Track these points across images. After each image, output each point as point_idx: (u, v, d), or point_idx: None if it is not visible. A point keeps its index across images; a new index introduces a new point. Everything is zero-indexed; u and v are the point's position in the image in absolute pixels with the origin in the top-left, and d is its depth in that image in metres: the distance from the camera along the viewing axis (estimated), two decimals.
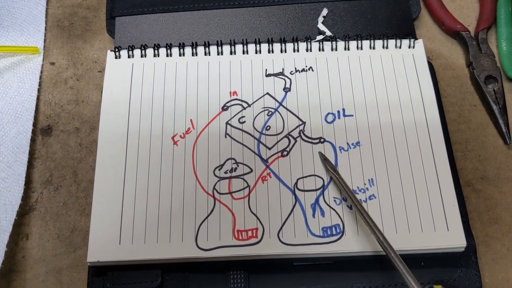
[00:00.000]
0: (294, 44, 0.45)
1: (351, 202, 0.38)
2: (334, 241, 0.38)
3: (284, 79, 0.44)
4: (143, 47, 0.45)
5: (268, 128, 0.42)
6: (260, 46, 0.45)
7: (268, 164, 0.41)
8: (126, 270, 0.38)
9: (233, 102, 0.43)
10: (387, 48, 0.45)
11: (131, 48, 0.45)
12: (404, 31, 0.47)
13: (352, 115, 0.42)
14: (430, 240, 0.38)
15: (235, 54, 0.45)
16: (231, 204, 0.39)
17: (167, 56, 0.45)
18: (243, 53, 0.45)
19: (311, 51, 0.45)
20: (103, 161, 0.41)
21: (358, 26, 0.47)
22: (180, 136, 0.42)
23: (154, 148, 0.41)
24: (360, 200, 0.39)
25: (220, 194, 0.40)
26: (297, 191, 0.40)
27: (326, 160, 0.40)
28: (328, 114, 0.43)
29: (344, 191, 0.38)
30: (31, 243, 0.41)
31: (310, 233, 0.38)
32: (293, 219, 0.39)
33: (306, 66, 0.45)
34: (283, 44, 0.45)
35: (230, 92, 0.44)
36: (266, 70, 0.44)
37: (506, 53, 0.46)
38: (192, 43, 0.45)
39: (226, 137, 0.42)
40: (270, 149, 0.41)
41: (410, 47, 0.45)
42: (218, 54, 0.45)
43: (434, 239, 0.38)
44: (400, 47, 0.45)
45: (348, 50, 0.45)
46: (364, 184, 0.40)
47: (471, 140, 0.44)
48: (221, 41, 0.45)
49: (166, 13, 0.48)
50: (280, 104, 0.43)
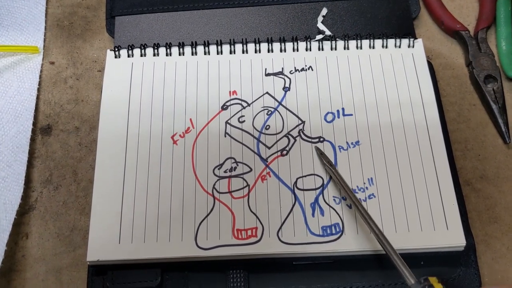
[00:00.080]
0: (293, 44, 0.45)
1: (345, 193, 0.38)
2: (334, 240, 0.38)
3: (284, 79, 0.44)
4: (143, 47, 0.45)
5: (267, 127, 0.42)
6: (259, 46, 0.45)
7: (267, 163, 0.41)
8: (126, 269, 0.38)
9: (232, 102, 0.43)
10: (386, 47, 0.45)
11: (130, 47, 0.45)
12: (403, 30, 0.47)
13: (351, 115, 0.42)
14: (430, 239, 0.38)
15: (234, 54, 0.45)
16: (231, 203, 0.39)
17: (166, 55, 0.45)
18: (243, 52, 0.45)
19: (310, 50, 0.45)
20: (103, 160, 0.41)
21: (358, 25, 0.47)
22: (180, 135, 0.42)
23: (154, 147, 0.41)
24: (360, 199, 0.39)
25: (219, 193, 0.40)
26: (296, 190, 0.40)
27: (322, 154, 0.40)
28: (328, 113, 0.43)
29: (340, 185, 0.38)
30: (31, 242, 0.41)
31: (310, 232, 0.38)
32: (292, 218, 0.39)
33: (306, 66, 0.45)
34: (283, 44, 0.45)
35: (230, 91, 0.44)
36: (266, 69, 0.45)
37: (505, 52, 0.46)
38: (192, 42, 0.45)
39: (225, 136, 0.42)
40: (269, 148, 0.41)
41: (409, 46, 0.45)
42: (218, 54, 0.45)
43: (434, 238, 0.38)
44: (399, 47, 0.45)
45: (347, 49, 0.45)
46: (364, 183, 0.40)
47: (470, 140, 0.44)
48: (220, 40, 0.45)
49: (166, 12, 0.48)
50: (280, 103, 0.43)
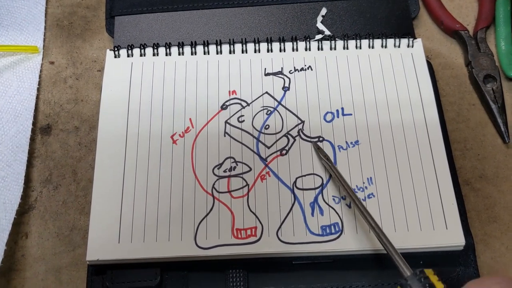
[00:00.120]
0: (293, 43, 0.45)
1: (342, 187, 0.38)
2: (333, 239, 0.38)
3: (283, 78, 0.44)
4: (142, 47, 0.45)
5: (267, 127, 0.42)
6: (259, 45, 0.45)
7: (267, 163, 0.41)
8: (125, 268, 0.38)
9: (232, 101, 0.43)
10: (386, 47, 0.45)
11: (130, 47, 0.45)
12: (403, 30, 0.47)
13: (351, 114, 0.42)
14: (429, 239, 0.38)
15: (234, 53, 0.45)
16: (230, 203, 0.39)
17: (166, 55, 0.45)
18: (242, 52, 0.45)
19: (310, 50, 0.45)
20: (103, 160, 0.41)
21: (357, 25, 0.47)
22: (179, 135, 0.42)
23: (153, 147, 0.41)
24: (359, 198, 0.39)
25: (219, 193, 0.40)
26: (296, 190, 0.40)
27: (319, 149, 0.40)
28: (327, 113, 0.43)
29: (337, 179, 0.38)
30: (31, 241, 0.41)
31: (309, 231, 0.38)
32: (292, 218, 0.39)
33: (305, 65, 0.45)
34: (282, 43, 0.45)
35: (229, 91, 0.44)
36: (265, 69, 0.45)
37: (504, 52, 0.46)
38: (191, 42, 0.45)
39: (225, 136, 0.42)
40: (269, 148, 0.41)
41: (409, 46, 0.45)
42: (217, 53, 0.45)
43: (433, 238, 0.38)
44: (399, 47, 0.45)
45: (347, 49, 0.45)
46: (363, 182, 0.40)
47: (469, 139, 0.44)
48: (220, 40, 0.45)
49: (165, 12, 0.48)
50: (279, 103, 0.43)
